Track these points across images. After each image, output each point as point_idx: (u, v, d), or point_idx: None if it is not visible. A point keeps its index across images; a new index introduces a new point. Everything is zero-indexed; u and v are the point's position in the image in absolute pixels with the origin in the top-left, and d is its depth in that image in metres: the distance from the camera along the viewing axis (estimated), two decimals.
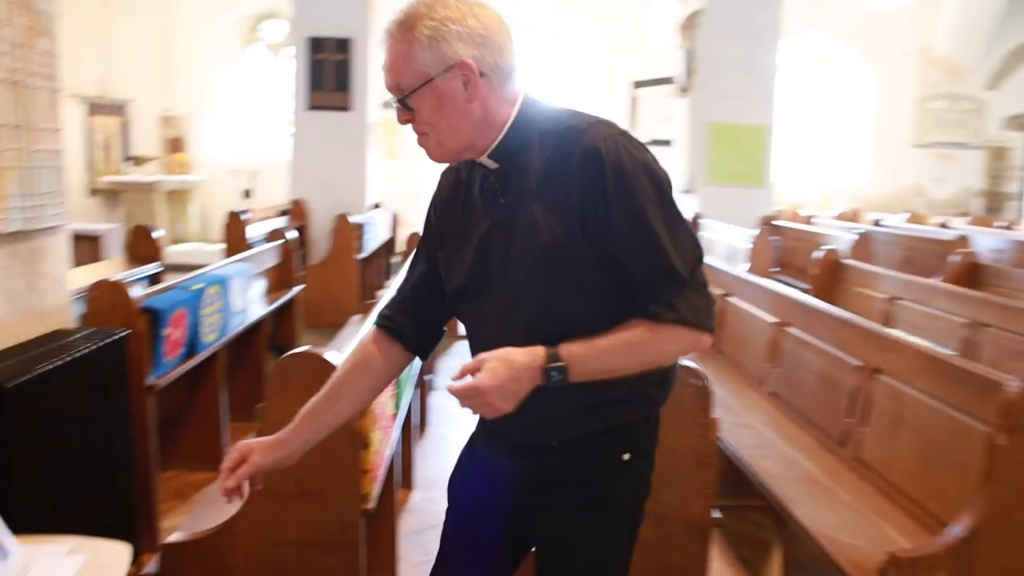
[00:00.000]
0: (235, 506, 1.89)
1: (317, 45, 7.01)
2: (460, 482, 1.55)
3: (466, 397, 1.19)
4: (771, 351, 3.34)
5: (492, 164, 1.33)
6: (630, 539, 1.47)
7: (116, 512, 2.45)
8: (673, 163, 7.75)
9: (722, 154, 7.19)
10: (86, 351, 2.30)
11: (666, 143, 8.84)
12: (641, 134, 9.89)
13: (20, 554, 1.47)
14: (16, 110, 2.29)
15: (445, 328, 1.53)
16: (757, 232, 5.49)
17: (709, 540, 1.99)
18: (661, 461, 1.94)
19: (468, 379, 1.20)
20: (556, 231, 1.26)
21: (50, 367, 2.12)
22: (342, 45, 7.01)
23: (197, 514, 2.12)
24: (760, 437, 2.82)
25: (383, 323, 1.49)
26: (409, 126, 1.31)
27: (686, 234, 1.28)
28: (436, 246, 1.46)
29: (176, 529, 2.07)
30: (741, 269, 4.48)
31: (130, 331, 2.56)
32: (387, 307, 1.51)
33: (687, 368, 1.91)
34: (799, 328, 3.16)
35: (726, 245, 6.05)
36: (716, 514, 1.98)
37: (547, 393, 1.24)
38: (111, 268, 4.34)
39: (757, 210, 6.94)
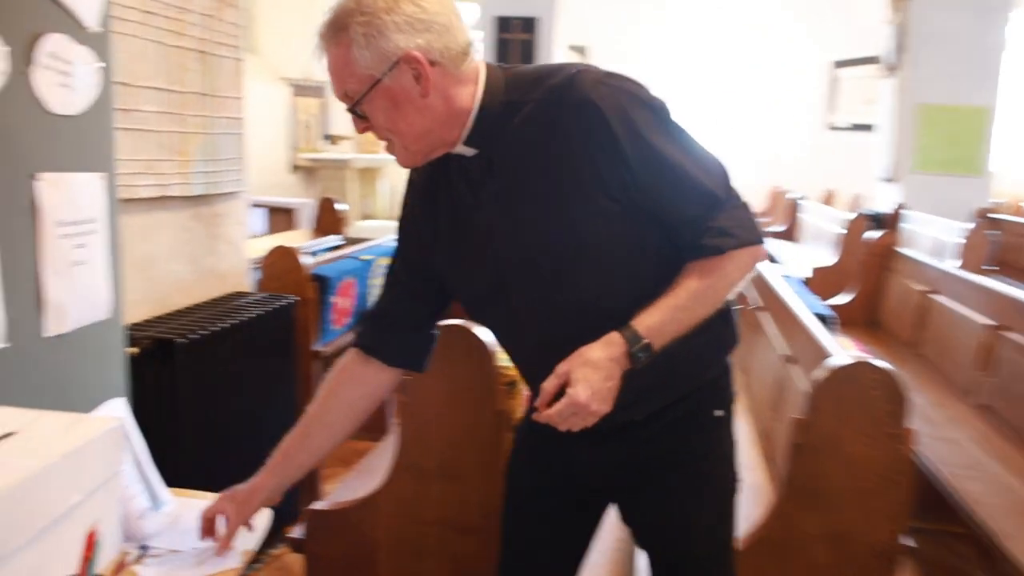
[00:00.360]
0: (380, 478, 1.86)
1: (504, 24, 7.05)
2: (524, 468, 1.45)
3: (567, 417, 1.09)
4: (983, 358, 2.92)
5: (470, 152, 1.20)
6: (735, 498, 1.38)
7: None
8: (875, 148, 7.12)
9: (932, 139, 6.48)
10: (256, 314, 2.37)
11: (867, 127, 8.15)
12: (841, 118, 9.19)
13: (172, 505, 1.50)
14: (203, 78, 2.38)
15: (436, 332, 1.42)
16: (971, 226, 4.89)
17: (896, 568, 1.73)
18: (842, 473, 1.72)
19: (562, 399, 1.09)
20: (572, 202, 1.15)
21: (221, 327, 2.19)
22: (528, 24, 7.01)
23: (350, 483, 2.12)
24: (966, 455, 2.46)
25: (356, 341, 1.40)
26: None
27: (705, 153, 1.19)
28: (416, 250, 1.34)
29: (327, 496, 2.08)
30: (950, 265, 3.99)
31: (299, 298, 2.61)
32: (361, 323, 1.42)
33: (875, 367, 1.66)
34: (1021, 334, 2.74)
35: (932, 239, 5.45)
36: (907, 541, 1.71)
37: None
38: (296, 238, 4.54)
39: (972, 201, 6.21)
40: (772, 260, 4.21)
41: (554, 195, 1.15)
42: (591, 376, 1.09)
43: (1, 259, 1.38)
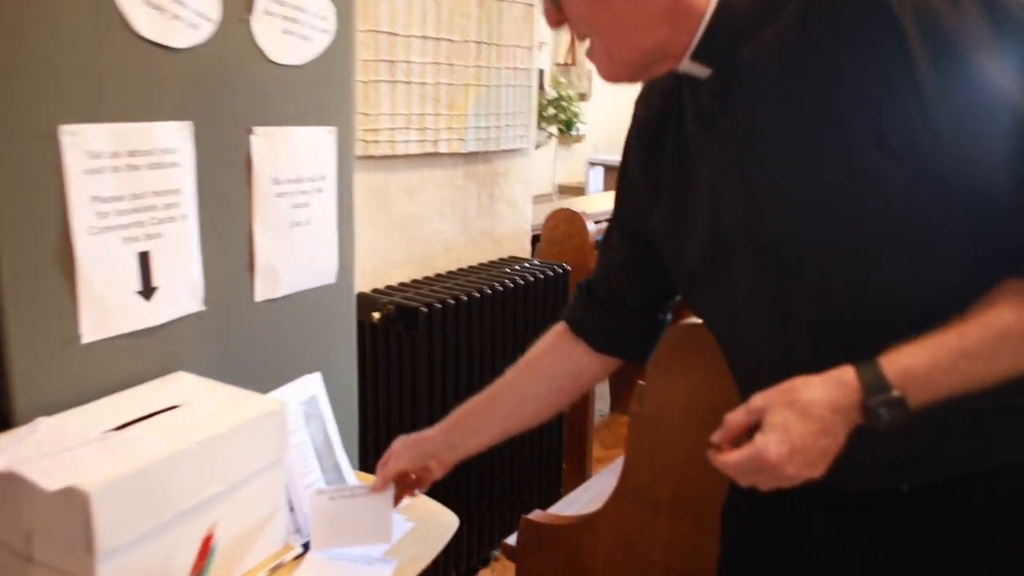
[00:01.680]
0: (603, 499, 1.56)
1: None
2: (742, 522, 1.09)
3: (748, 472, 0.73)
4: None
5: (702, 71, 0.85)
6: None
7: (544, 446, 2.37)
8: None
9: None
10: (520, 283, 2.18)
11: None
12: None
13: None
14: (482, 26, 2.20)
15: (666, 317, 1.10)
16: None
17: None
18: None
19: (746, 446, 0.74)
20: (829, 157, 0.75)
21: (474, 296, 2.04)
22: None
23: (592, 485, 1.86)
24: None
25: (565, 315, 1.14)
26: None
27: None
28: (637, 208, 1.01)
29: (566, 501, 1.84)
30: None
31: (572, 269, 2.37)
32: (576, 293, 1.15)
33: None
34: None
35: None
36: None
37: None
38: (602, 201, 4.32)
39: None
40: None
41: (804, 144, 0.78)
42: (794, 425, 0.72)
43: (210, 218, 1.32)
